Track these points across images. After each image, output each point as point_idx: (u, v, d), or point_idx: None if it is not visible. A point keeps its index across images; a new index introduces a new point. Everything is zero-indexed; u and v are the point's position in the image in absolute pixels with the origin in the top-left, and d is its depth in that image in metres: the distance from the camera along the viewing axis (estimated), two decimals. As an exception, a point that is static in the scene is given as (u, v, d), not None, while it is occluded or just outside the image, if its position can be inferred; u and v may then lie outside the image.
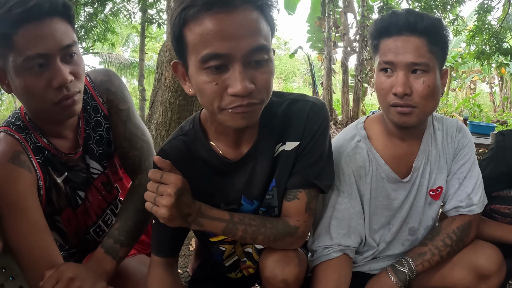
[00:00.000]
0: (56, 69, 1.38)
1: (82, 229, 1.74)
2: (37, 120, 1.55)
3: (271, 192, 1.49)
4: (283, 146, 1.44)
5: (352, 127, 1.74)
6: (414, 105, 1.48)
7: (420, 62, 1.46)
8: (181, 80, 1.32)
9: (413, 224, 1.74)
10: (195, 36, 1.14)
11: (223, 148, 1.43)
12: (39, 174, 1.51)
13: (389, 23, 1.51)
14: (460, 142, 1.69)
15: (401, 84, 1.46)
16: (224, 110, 1.19)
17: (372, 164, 1.64)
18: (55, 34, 1.38)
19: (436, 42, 1.48)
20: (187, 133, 1.46)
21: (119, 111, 1.71)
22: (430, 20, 1.48)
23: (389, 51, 1.50)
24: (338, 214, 1.63)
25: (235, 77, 1.14)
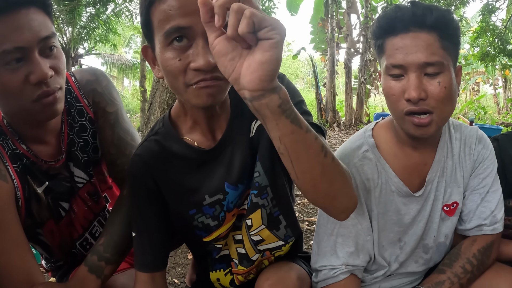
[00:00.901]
0: (34, 63, 1.27)
1: (67, 242, 1.61)
2: (15, 124, 1.43)
3: (257, 168, 1.37)
4: (258, 122, 1.36)
5: (359, 134, 1.58)
6: (431, 110, 1.32)
7: (433, 61, 1.29)
8: (151, 64, 1.27)
9: (427, 241, 1.59)
10: (160, 13, 1.12)
11: (197, 139, 1.35)
12: (16, 184, 1.40)
13: (393, 19, 1.34)
14: (480, 154, 1.54)
15: (415, 88, 1.29)
16: (189, 87, 1.14)
17: (381, 176, 1.49)
18: (32, 25, 1.28)
19: (448, 36, 1.32)
20: (158, 132, 1.39)
21: (107, 114, 1.57)
22: (440, 12, 1.31)
23: (397, 52, 1.33)
24: (344, 230, 1.48)
25: (197, 51, 1.10)
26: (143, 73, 13.21)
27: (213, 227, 1.43)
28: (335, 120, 13.54)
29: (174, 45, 1.12)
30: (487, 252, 1.52)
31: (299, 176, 1.01)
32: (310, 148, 0.98)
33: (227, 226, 1.45)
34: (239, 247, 1.50)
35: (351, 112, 13.86)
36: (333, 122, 13.49)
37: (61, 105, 1.38)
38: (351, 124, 13.54)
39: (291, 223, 1.49)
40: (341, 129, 13.03)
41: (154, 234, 1.38)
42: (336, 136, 11.53)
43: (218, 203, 1.39)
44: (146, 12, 1.16)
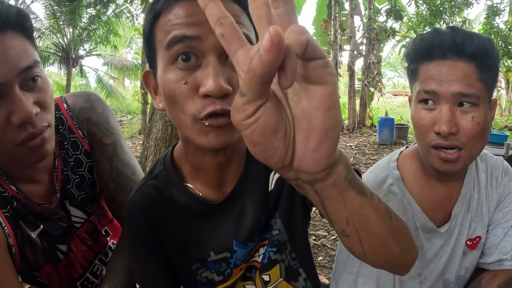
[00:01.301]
0: (15, 100, 1.08)
1: (67, 284, 1.48)
2: (2, 163, 1.24)
3: (276, 226, 1.23)
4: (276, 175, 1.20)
5: (384, 165, 1.48)
6: (461, 146, 1.22)
7: (469, 93, 1.19)
8: (151, 93, 1.10)
9: (448, 276, 1.50)
10: (163, 24, 0.95)
11: (202, 188, 1.17)
12: (7, 231, 1.23)
13: (431, 44, 1.24)
14: (507, 187, 1.44)
15: (447, 121, 1.20)
16: (197, 122, 0.93)
17: (406, 212, 1.39)
18: (9, 54, 1.07)
19: (487, 68, 1.21)
20: (158, 176, 1.20)
21: (103, 146, 1.41)
22: (481, 41, 1.21)
23: (431, 78, 1.23)
24: (366, 270, 1.38)
25: (207, 72, 0.90)
26: (144, 75, 13.21)
27: (217, 282, 1.29)
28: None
29: (179, 64, 0.93)
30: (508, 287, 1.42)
31: (367, 254, 0.78)
32: (378, 216, 0.75)
33: (233, 279, 1.31)
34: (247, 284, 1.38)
35: (355, 115, 13.78)
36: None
37: (51, 144, 1.20)
38: (354, 127, 13.46)
39: (311, 276, 1.35)
40: (344, 133, 12.93)
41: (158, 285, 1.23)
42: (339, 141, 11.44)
43: (224, 261, 1.24)
44: (149, 29, 0.99)
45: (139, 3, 12.51)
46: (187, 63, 0.92)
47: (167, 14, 0.94)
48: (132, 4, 13.98)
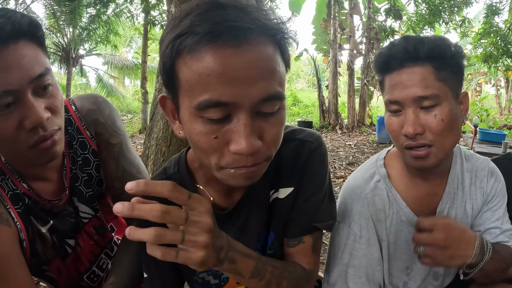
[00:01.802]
0: (28, 106, 1.13)
1: (74, 277, 1.54)
2: (13, 163, 1.31)
3: (272, 246, 1.30)
4: (276, 193, 1.25)
5: (371, 164, 1.56)
6: (429, 143, 1.30)
7: (427, 95, 1.27)
8: (170, 118, 1.07)
9: (437, 269, 1.58)
10: (192, 74, 0.87)
11: (213, 194, 1.22)
12: (19, 226, 1.29)
13: (387, 57, 1.34)
14: (493, 187, 1.51)
15: (411, 124, 1.29)
16: (224, 169, 0.96)
17: (392, 206, 1.47)
18: (22, 62, 1.11)
19: (444, 66, 1.29)
20: (172, 177, 1.23)
21: (110, 146, 1.47)
22: (432, 43, 1.29)
23: (393, 88, 1.33)
24: (355, 261, 1.45)
25: (239, 131, 0.89)
26: (144, 75, 13.21)
27: (212, 285, 1.34)
28: (338, 123, 13.49)
29: (207, 117, 0.89)
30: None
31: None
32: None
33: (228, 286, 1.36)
34: None
35: (354, 114, 13.83)
36: (336, 124, 13.44)
37: (61, 146, 1.26)
38: (353, 126, 13.50)
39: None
40: (343, 131, 12.97)
41: (166, 278, 1.27)
42: (338, 139, 11.47)
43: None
44: (170, 63, 0.92)
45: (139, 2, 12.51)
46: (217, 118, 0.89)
47: (196, 58, 0.87)
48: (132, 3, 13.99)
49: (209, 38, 0.84)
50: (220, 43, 0.84)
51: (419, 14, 10.45)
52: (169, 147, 3.82)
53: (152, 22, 11.82)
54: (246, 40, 0.85)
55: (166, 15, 4.31)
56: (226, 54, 0.84)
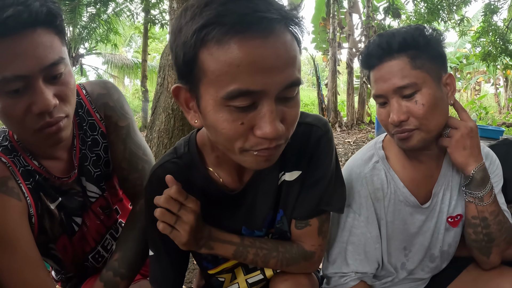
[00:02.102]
0: (37, 92, 1.17)
1: (79, 256, 1.60)
2: (25, 142, 1.37)
3: (280, 221, 1.37)
4: (284, 176, 1.31)
5: (370, 146, 1.63)
6: (414, 127, 1.39)
7: (405, 84, 1.37)
8: (184, 107, 1.09)
9: (433, 251, 1.64)
10: (219, 64, 0.89)
11: (223, 175, 1.28)
12: (29, 201, 1.35)
13: (367, 55, 1.45)
14: (488, 169, 1.55)
15: (395, 113, 1.39)
16: (247, 152, 1.01)
17: (390, 186, 1.53)
18: (36, 50, 1.15)
19: (419, 55, 1.37)
20: (182, 157, 1.28)
21: (118, 128, 1.53)
22: (403, 35, 1.38)
23: (376, 83, 1.44)
24: (354, 239, 1.52)
25: (265, 117, 0.94)
26: (144, 74, 13.25)
27: (220, 259, 1.42)
28: (337, 120, 13.53)
29: (234, 105, 0.93)
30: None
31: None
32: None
33: (234, 261, 1.43)
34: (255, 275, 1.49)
35: (353, 112, 13.87)
36: (335, 122, 13.49)
37: (67, 132, 1.31)
38: (352, 124, 13.55)
39: None
40: (343, 129, 13.02)
41: (173, 254, 1.32)
42: (338, 137, 11.53)
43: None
44: (192, 53, 0.93)
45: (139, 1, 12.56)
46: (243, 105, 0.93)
47: (223, 48, 0.89)
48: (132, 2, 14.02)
49: (238, 29, 0.86)
50: (249, 33, 0.87)
51: (418, 13, 10.49)
52: (170, 139, 3.89)
53: (152, 21, 11.88)
54: (272, 30, 0.89)
55: (168, 11, 4.37)
56: (255, 45, 0.88)
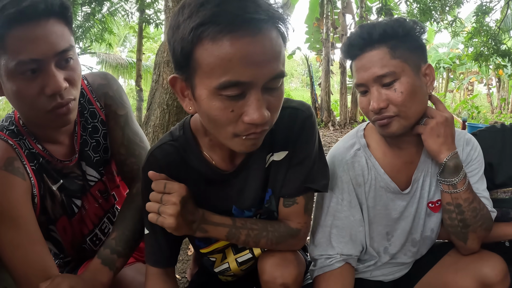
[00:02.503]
0: (49, 75, 1.29)
1: (78, 238, 1.68)
2: (31, 125, 1.47)
3: (268, 201, 1.46)
4: (273, 156, 1.42)
5: (352, 134, 1.71)
6: (393, 114, 1.46)
7: (384, 73, 1.43)
8: (179, 95, 1.21)
9: (415, 236, 1.71)
10: (213, 58, 1.01)
11: (216, 158, 1.38)
12: (33, 182, 1.44)
13: (349, 46, 1.51)
14: (469, 155, 1.64)
15: (375, 100, 1.45)
16: (237, 137, 1.13)
17: (371, 172, 1.61)
18: (50, 37, 1.28)
19: (398, 45, 1.44)
20: (178, 139, 1.38)
21: (117, 116, 1.63)
22: (383, 26, 1.45)
23: (357, 73, 1.50)
24: (338, 222, 1.60)
25: (252, 105, 1.06)
26: (139, 73, 13.24)
27: (212, 239, 1.52)
28: (330, 119, 13.62)
29: (225, 94, 1.05)
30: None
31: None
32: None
33: (225, 242, 1.53)
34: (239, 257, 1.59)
35: (346, 111, 13.94)
36: (328, 121, 13.57)
37: (74, 114, 1.41)
38: (345, 123, 13.63)
39: None
40: (335, 128, 13.11)
41: (167, 232, 1.37)
42: (331, 135, 11.60)
43: None
44: (188, 48, 1.04)
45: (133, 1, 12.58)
46: (234, 94, 1.05)
47: (217, 44, 1.00)
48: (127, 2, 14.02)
49: (230, 28, 0.99)
50: (240, 32, 1.00)
51: (411, 13, 10.56)
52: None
53: (147, 20, 11.90)
54: (260, 30, 1.02)
55: (164, 11, 4.44)
56: (244, 42, 1.00)
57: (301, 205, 1.44)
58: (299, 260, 1.50)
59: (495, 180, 1.78)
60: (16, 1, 1.22)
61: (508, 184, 1.80)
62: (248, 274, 1.65)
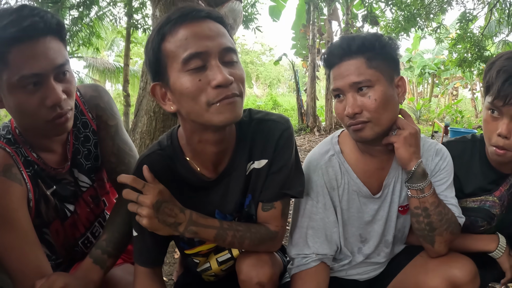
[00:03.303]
0: (49, 88, 1.41)
1: (70, 241, 1.76)
2: (27, 135, 1.57)
3: (248, 205, 1.58)
4: (253, 164, 1.53)
5: (327, 141, 1.80)
6: (367, 120, 1.54)
7: (361, 80, 1.52)
8: (161, 102, 1.38)
9: (387, 237, 1.82)
10: (175, 43, 1.27)
11: (200, 166, 1.50)
12: (29, 187, 1.54)
13: (329, 54, 1.61)
14: (437, 165, 1.73)
15: (350, 106, 1.54)
16: (212, 106, 1.27)
17: (344, 177, 1.71)
18: (49, 53, 1.40)
19: (374, 57, 1.55)
20: (166, 149, 1.51)
21: (108, 126, 1.74)
22: (361, 39, 1.55)
23: (335, 79, 1.58)
24: (314, 223, 1.70)
25: (215, 70, 1.25)
26: (126, 78, 13.18)
27: (196, 242, 1.64)
28: (316, 125, 13.68)
29: (191, 69, 1.26)
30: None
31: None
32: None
33: (209, 246, 1.65)
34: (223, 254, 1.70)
35: (331, 117, 13.98)
36: (314, 126, 13.62)
37: (71, 123, 1.53)
38: (331, 128, 13.68)
39: None
40: (321, 133, 13.18)
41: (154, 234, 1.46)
42: (316, 141, 11.64)
43: None
44: (157, 48, 1.31)
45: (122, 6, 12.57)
46: (197, 67, 1.26)
47: (175, 34, 1.28)
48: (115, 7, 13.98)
49: (180, 20, 1.29)
50: (188, 21, 1.29)
51: (396, 20, 10.65)
52: (152, 141, 4.01)
53: (135, 25, 11.91)
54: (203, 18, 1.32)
55: (151, 18, 4.51)
56: (194, 25, 1.29)
57: (278, 209, 1.55)
58: (274, 261, 1.61)
59: (464, 190, 1.87)
60: (17, 21, 1.34)
61: (477, 194, 1.89)
62: (230, 275, 1.74)
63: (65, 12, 14.52)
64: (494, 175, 1.87)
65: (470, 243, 1.87)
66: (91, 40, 15.71)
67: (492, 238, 1.87)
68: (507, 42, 12.62)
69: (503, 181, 1.88)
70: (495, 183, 1.88)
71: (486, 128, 1.72)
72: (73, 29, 15.08)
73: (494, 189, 1.88)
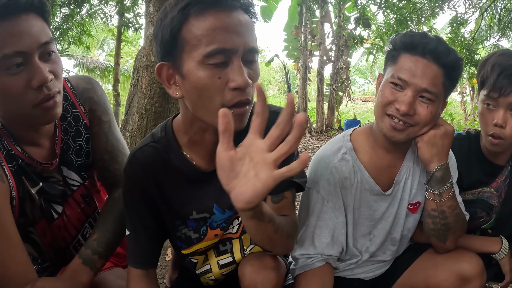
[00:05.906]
0: (35, 67, 1.32)
1: (60, 245, 1.68)
2: (10, 126, 1.47)
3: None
4: None
5: (338, 139, 1.77)
6: (413, 123, 1.53)
7: (432, 91, 1.51)
8: (165, 83, 1.29)
9: (395, 235, 1.80)
10: (200, 31, 1.16)
11: (196, 158, 1.42)
12: (12, 184, 1.43)
13: (418, 42, 1.54)
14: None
15: (407, 104, 1.50)
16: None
17: (357, 175, 1.68)
18: (32, 30, 1.32)
19: (451, 77, 1.54)
20: (159, 141, 1.43)
21: (102, 122, 1.66)
22: (455, 57, 1.53)
23: (407, 69, 1.53)
24: (322, 223, 1.67)
25: (236, 71, 1.17)
26: (116, 77, 13.11)
27: (193, 239, 1.54)
28: (307, 126, 13.65)
29: (212, 64, 1.16)
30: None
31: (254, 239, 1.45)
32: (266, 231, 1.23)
33: (207, 243, 1.56)
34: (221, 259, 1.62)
35: (323, 119, 13.99)
36: (305, 128, 13.59)
37: (60, 109, 1.43)
38: (322, 130, 13.67)
39: None
40: (312, 135, 13.15)
41: (150, 232, 1.43)
42: (307, 142, 11.64)
43: (203, 220, 1.49)
44: (177, 29, 1.18)
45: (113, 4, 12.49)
46: (220, 65, 1.17)
47: (203, 20, 1.16)
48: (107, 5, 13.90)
49: (212, 5, 1.16)
50: (220, 8, 1.17)
51: (388, 23, 10.67)
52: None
53: (126, 24, 11.82)
54: (236, 8, 1.19)
55: (144, 15, 4.46)
56: (225, 15, 1.17)
57: (289, 199, 1.48)
58: (279, 265, 1.53)
59: (463, 184, 1.90)
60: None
61: (475, 186, 1.97)
62: (229, 279, 1.68)
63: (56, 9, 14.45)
64: (490, 168, 1.96)
65: (475, 244, 1.91)
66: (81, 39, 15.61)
67: (496, 240, 1.92)
68: (498, 47, 12.69)
69: (499, 172, 1.99)
70: (491, 175, 1.98)
71: (482, 120, 1.79)
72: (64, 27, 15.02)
73: (490, 181, 1.99)
